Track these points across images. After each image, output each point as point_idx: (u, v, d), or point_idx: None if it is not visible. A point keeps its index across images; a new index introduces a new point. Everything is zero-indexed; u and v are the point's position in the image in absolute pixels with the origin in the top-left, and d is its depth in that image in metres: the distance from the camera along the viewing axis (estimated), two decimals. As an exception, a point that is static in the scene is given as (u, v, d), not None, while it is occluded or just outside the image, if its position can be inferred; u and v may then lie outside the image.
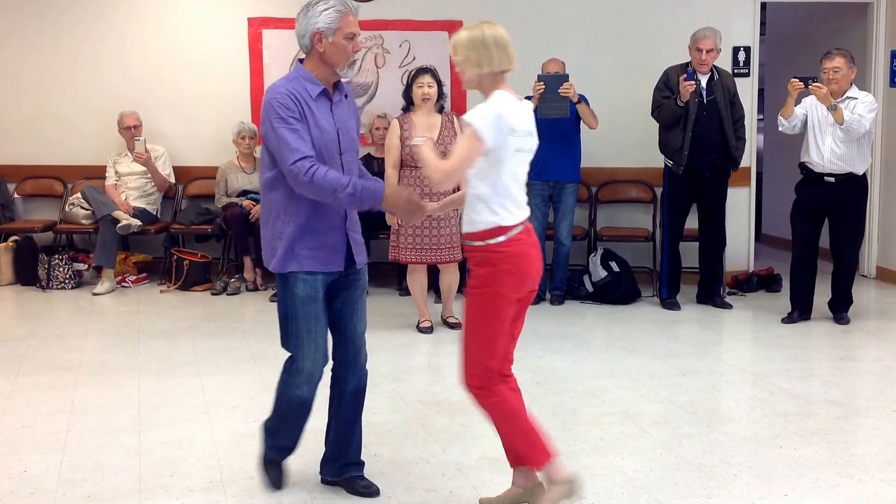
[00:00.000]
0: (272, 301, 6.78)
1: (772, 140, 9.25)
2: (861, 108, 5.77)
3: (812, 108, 5.94)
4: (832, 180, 5.90)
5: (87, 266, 7.40)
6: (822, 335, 5.86)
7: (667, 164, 6.52)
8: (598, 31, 7.40)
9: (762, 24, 7.98)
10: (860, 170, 5.92)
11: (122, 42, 7.54)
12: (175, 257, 7.23)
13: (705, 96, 6.34)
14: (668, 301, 6.62)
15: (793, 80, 5.80)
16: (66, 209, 7.46)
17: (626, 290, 6.76)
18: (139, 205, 7.37)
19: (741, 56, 7.45)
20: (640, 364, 5.12)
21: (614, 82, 7.25)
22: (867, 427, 4.16)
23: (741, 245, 7.51)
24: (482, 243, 3.09)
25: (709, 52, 6.30)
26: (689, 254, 6.82)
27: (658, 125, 6.48)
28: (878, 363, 5.28)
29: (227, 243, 7.43)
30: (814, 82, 5.71)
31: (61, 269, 7.19)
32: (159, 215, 7.56)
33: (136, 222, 7.20)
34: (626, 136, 7.28)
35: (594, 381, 4.85)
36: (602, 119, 6.58)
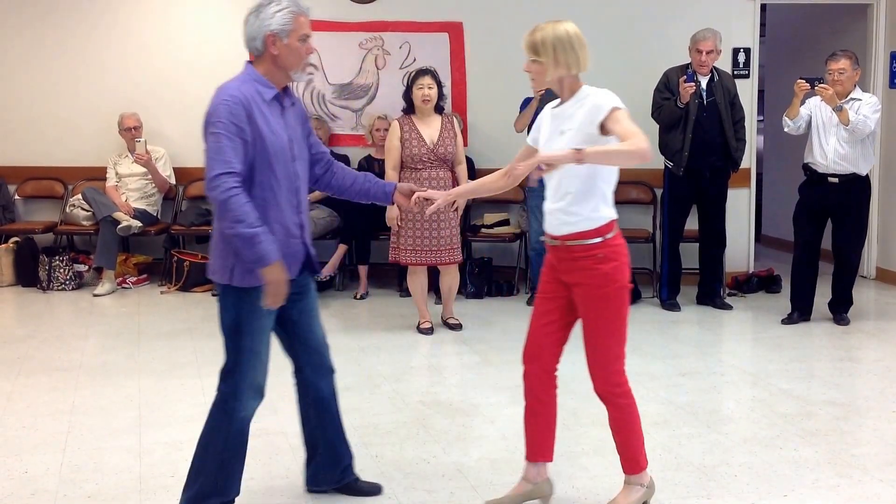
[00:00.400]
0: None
1: (772, 141, 9.26)
2: (865, 108, 5.78)
3: (816, 109, 5.95)
4: (836, 181, 5.90)
5: (87, 267, 7.42)
6: (822, 336, 5.86)
7: (667, 166, 6.52)
8: (599, 33, 7.38)
9: (762, 25, 7.99)
10: (864, 171, 5.93)
11: (122, 44, 7.55)
12: (175, 258, 7.23)
13: (705, 97, 6.35)
14: (668, 302, 6.62)
15: (799, 80, 5.80)
16: (67, 210, 7.47)
17: (626, 291, 6.76)
18: (140, 206, 7.38)
19: (741, 57, 7.46)
20: (641, 364, 5.12)
21: (614, 83, 7.12)
22: (867, 428, 4.17)
23: (741, 246, 7.51)
24: (600, 239, 3.07)
25: (709, 53, 6.31)
26: (689, 255, 6.83)
27: (658, 126, 6.48)
28: (877, 364, 5.28)
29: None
30: (819, 83, 5.72)
31: (62, 271, 7.20)
32: (160, 216, 7.57)
33: (137, 223, 7.20)
34: (626, 138, 7.26)
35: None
36: (602, 120, 6.57)
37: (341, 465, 3.39)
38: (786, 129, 6.06)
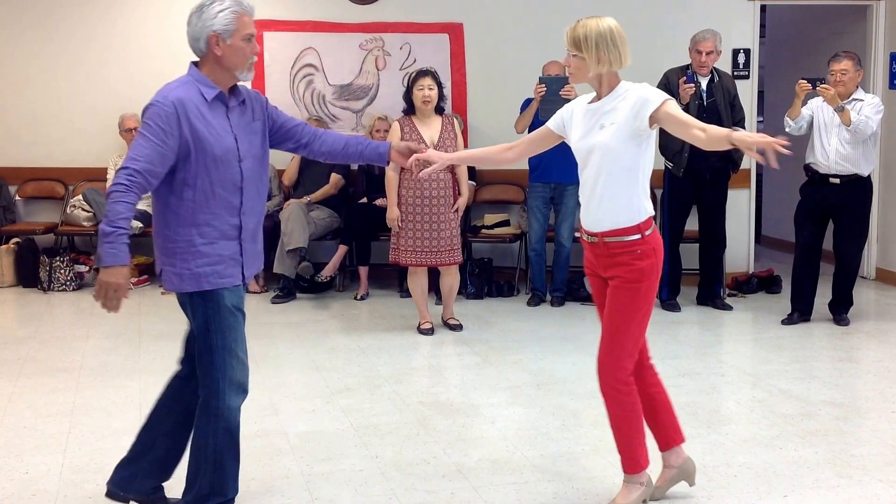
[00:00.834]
0: (273, 303, 6.80)
1: (772, 142, 9.25)
2: (867, 109, 5.78)
3: (818, 110, 5.95)
4: (837, 181, 5.91)
5: (88, 268, 7.42)
6: (822, 336, 5.86)
7: (667, 167, 6.53)
8: (599, 34, 7.40)
9: (762, 26, 8.00)
10: (865, 171, 5.93)
11: (123, 45, 7.55)
12: (176, 259, 7.23)
13: (705, 98, 6.35)
14: (668, 302, 6.63)
15: (801, 81, 5.81)
16: (68, 211, 7.48)
17: (626, 292, 6.76)
18: (140, 207, 7.36)
19: (741, 58, 7.47)
20: (641, 365, 5.12)
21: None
22: (867, 428, 4.17)
23: (741, 247, 7.52)
24: (639, 236, 3.06)
25: (708, 54, 6.31)
26: (690, 255, 6.83)
27: (658, 127, 6.48)
28: (877, 364, 5.29)
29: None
30: (821, 84, 5.72)
31: (62, 271, 7.21)
32: (160, 217, 7.56)
33: (138, 224, 7.19)
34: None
35: (595, 382, 4.79)
36: (602, 121, 6.58)
37: (161, 480, 3.23)
38: (787, 130, 6.06)
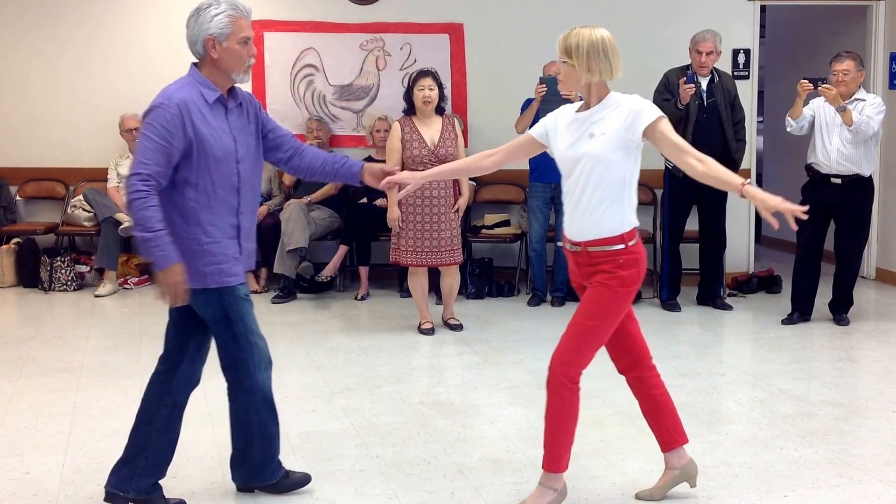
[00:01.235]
0: (274, 303, 6.80)
1: (772, 142, 9.27)
2: (869, 109, 5.78)
3: (819, 110, 5.95)
4: (838, 181, 5.91)
5: (89, 268, 7.43)
6: (822, 336, 5.87)
7: (667, 167, 6.52)
8: (599, 34, 7.41)
9: (762, 26, 8.00)
10: (866, 171, 5.93)
11: (124, 45, 7.55)
12: (176, 259, 7.23)
13: (705, 99, 6.35)
14: (669, 302, 6.63)
15: (802, 81, 5.81)
16: (68, 211, 7.48)
17: (626, 292, 6.76)
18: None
19: (741, 58, 7.47)
20: (641, 365, 5.12)
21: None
22: (867, 428, 4.17)
23: (741, 247, 7.52)
24: (623, 246, 3.09)
25: (708, 54, 6.32)
26: (690, 255, 6.83)
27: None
28: (877, 364, 5.29)
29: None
30: (823, 84, 5.72)
31: (63, 271, 7.21)
32: (160, 217, 7.56)
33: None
34: (626, 138, 7.27)
35: (594, 382, 4.82)
36: (602, 121, 6.58)
37: (158, 477, 3.36)
38: (788, 130, 6.06)
